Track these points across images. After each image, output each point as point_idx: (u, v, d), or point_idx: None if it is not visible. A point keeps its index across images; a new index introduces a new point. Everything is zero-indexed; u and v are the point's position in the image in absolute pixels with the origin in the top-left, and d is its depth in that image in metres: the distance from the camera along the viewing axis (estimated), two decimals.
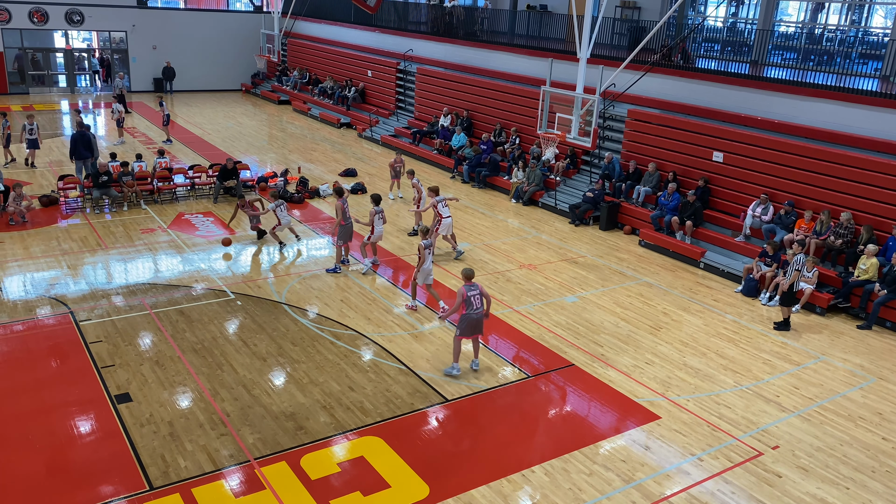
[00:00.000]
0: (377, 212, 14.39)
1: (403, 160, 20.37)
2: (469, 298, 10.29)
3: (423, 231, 12.84)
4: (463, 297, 10.25)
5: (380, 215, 14.47)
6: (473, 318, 10.40)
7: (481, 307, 10.42)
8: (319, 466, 8.52)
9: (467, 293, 10.28)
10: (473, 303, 10.32)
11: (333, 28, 34.97)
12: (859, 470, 9.06)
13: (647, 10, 26.54)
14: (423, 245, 12.29)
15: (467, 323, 10.41)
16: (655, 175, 18.28)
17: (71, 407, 9.43)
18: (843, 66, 17.90)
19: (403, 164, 20.19)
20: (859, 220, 14.51)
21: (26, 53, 33.62)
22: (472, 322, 10.42)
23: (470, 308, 10.32)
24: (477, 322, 10.47)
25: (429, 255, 12.37)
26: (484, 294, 10.46)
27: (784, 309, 13.00)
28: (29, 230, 15.88)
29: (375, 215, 14.39)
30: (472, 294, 10.31)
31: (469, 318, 10.37)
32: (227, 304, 12.86)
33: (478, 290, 10.41)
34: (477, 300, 10.36)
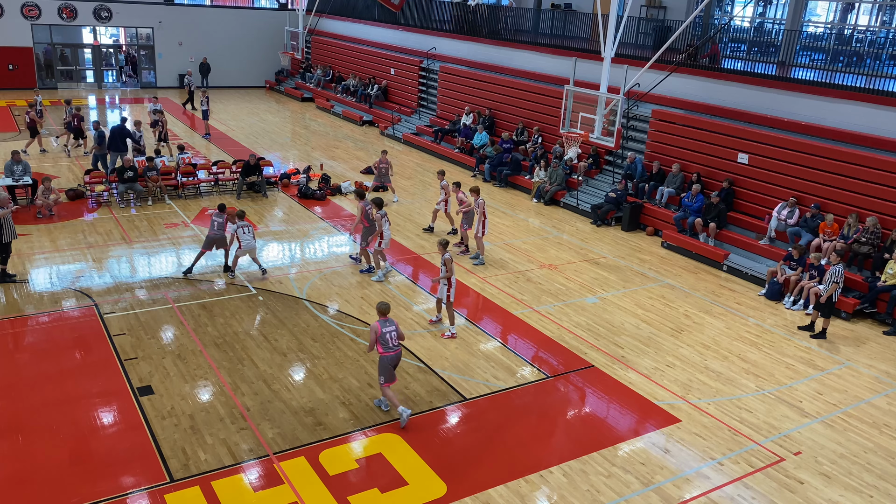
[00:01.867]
0: (382, 215, 14.06)
1: (390, 161, 19.97)
2: (383, 335, 9.16)
3: (442, 244, 11.76)
4: (377, 333, 9.15)
5: (385, 218, 14.17)
6: (393, 358, 9.29)
7: (398, 346, 9.33)
8: (338, 462, 8.56)
9: (381, 329, 9.17)
10: (389, 340, 9.19)
11: (357, 26, 35.07)
12: (883, 478, 8.92)
13: (672, 9, 26.30)
14: (449, 258, 11.60)
15: (386, 365, 9.26)
16: (679, 176, 18.12)
17: (94, 398, 9.56)
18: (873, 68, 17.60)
19: (390, 166, 19.90)
20: (886, 225, 14.27)
21: (55, 49, 34.11)
22: (391, 362, 9.29)
23: (385, 347, 9.17)
24: (396, 360, 9.37)
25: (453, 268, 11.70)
26: (399, 332, 9.35)
27: (823, 319, 12.80)
28: (56, 223, 16.12)
29: (381, 219, 14.07)
30: (387, 330, 9.20)
31: (388, 359, 9.25)
32: (249, 299, 12.95)
33: (393, 327, 9.27)
34: (392, 337, 9.23)
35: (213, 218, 13.77)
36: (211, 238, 13.74)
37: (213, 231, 13.70)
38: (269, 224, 17.08)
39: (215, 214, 13.80)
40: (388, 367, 9.31)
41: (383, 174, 19.81)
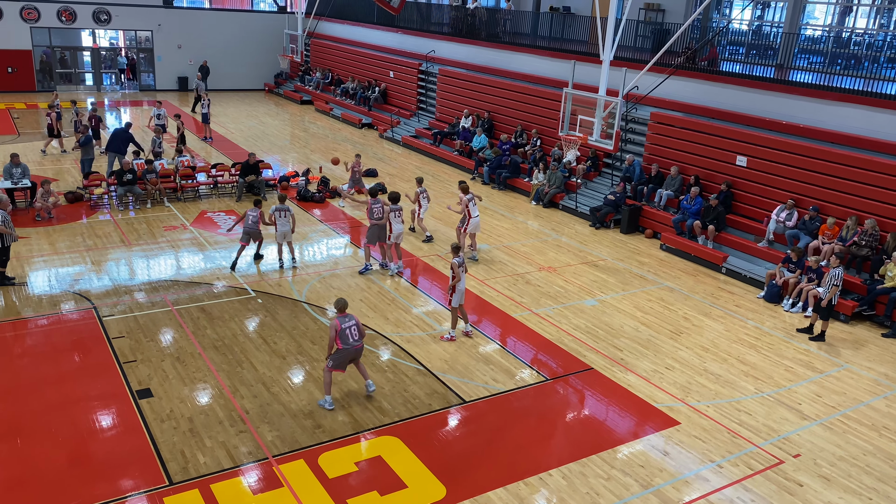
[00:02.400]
0: (393, 209, 14.48)
1: (362, 164, 19.87)
2: (343, 331, 9.41)
3: (455, 248, 11.81)
4: (336, 329, 9.36)
5: (396, 213, 14.51)
6: (350, 352, 9.55)
7: (359, 340, 9.57)
8: (337, 465, 8.55)
9: (341, 325, 9.39)
10: (349, 336, 9.45)
11: (356, 29, 35.11)
12: (883, 480, 8.92)
13: (671, 12, 26.35)
14: (456, 263, 11.49)
15: (342, 356, 9.52)
16: (678, 179, 18.14)
17: (93, 401, 9.55)
18: (871, 71, 17.63)
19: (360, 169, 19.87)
20: (885, 227, 14.29)
21: (54, 52, 34.13)
22: (348, 355, 9.57)
23: (346, 342, 9.44)
24: (354, 354, 9.63)
25: (463, 274, 11.62)
26: (359, 327, 9.60)
27: (822, 322, 12.81)
28: (55, 226, 16.11)
29: (391, 213, 14.44)
30: (346, 326, 9.43)
31: (346, 352, 9.49)
32: (248, 301, 12.95)
33: (354, 322, 9.52)
34: (353, 332, 9.48)
35: (248, 213, 14.38)
36: (247, 232, 14.30)
37: (248, 225, 14.26)
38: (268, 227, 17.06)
39: (250, 210, 14.44)
40: (344, 359, 9.60)
41: (357, 179, 19.85)
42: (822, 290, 12.79)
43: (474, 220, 15.20)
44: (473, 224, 15.23)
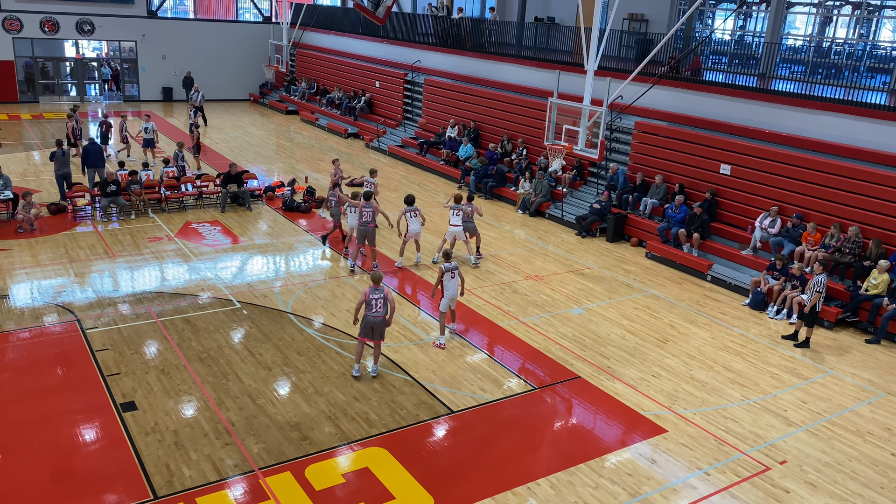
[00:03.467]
0: (408, 210, 14.97)
1: (341, 172, 19.01)
2: (369, 300, 10.40)
3: (445, 254, 12.11)
4: (365, 297, 10.43)
5: (412, 214, 15.00)
6: (370, 321, 10.46)
7: (381, 311, 10.44)
8: (324, 477, 8.49)
9: (369, 295, 10.40)
10: (373, 305, 10.40)
11: (342, 39, 35.14)
12: (868, 486, 8.98)
13: (654, 22, 26.57)
14: (443, 268, 11.76)
15: (364, 324, 10.54)
16: (662, 187, 18.25)
17: (76, 414, 9.44)
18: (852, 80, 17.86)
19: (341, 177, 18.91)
20: (867, 234, 14.44)
21: (37, 62, 33.89)
22: (368, 323, 10.49)
23: (368, 310, 10.42)
24: (374, 325, 10.47)
25: (451, 279, 11.82)
26: (388, 300, 10.53)
27: (806, 329, 12.90)
28: (37, 238, 15.95)
29: (407, 214, 15.01)
30: (374, 297, 10.40)
31: (366, 319, 10.49)
32: (233, 313, 12.87)
33: (381, 295, 10.44)
34: (377, 304, 10.40)
35: (363, 209, 14.63)
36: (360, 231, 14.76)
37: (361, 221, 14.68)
38: (254, 237, 17.01)
39: (364, 206, 14.69)
40: (365, 326, 10.51)
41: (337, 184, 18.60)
42: (806, 297, 12.89)
43: (452, 228, 15.35)
44: (450, 232, 15.37)
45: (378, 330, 10.55)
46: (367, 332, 10.56)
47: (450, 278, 11.80)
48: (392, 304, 10.65)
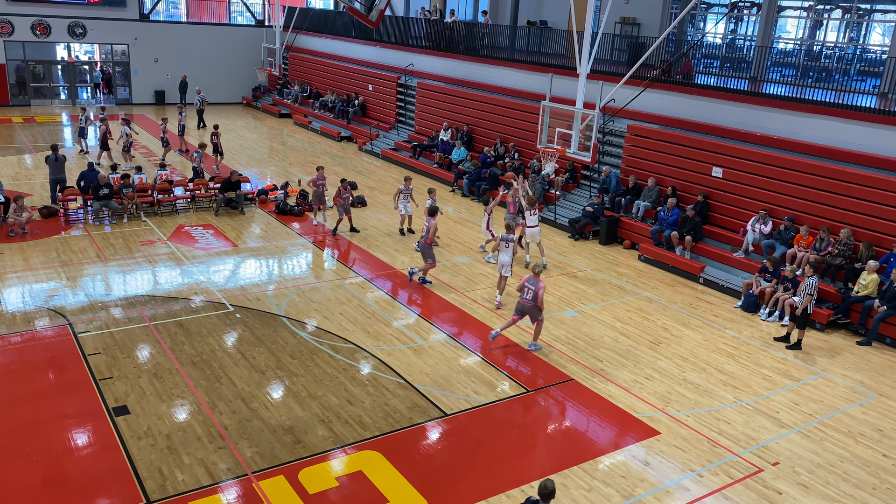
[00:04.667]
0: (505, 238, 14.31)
1: (325, 179, 18.49)
2: (522, 286, 11.93)
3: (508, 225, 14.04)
4: (521, 281, 12.04)
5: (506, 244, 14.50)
6: (520, 305, 12.00)
7: (530, 301, 11.83)
8: (317, 481, 8.48)
9: (525, 283, 11.93)
10: (524, 292, 11.89)
11: (335, 42, 35.16)
12: (860, 487, 9.02)
13: (646, 26, 26.70)
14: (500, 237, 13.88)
15: (518, 307, 12.12)
16: (655, 190, 18.32)
17: (68, 419, 9.39)
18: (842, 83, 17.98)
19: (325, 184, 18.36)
20: (858, 236, 14.53)
21: (28, 66, 33.77)
22: (518, 307, 12.09)
23: (521, 294, 11.97)
24: (523, 309, 11.97)
25: (506, 248, 13.71)
26: (538, 295, 11.76)
27: (798, 331, 12.96)
28: (29, 241, 15.88)
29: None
30: (527, 286, 11.83)
31: (518, 303, 12.06)
32: (226, 316, 12.84)
33: (534, 287, 11.76)
34: (527, 292, 11.82)
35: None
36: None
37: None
38: (247, 240, 16.98)
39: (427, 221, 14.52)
40: (519, 309, 12.10)
41: (320, 194, 18.24)
42: (797, 299, 12.96)
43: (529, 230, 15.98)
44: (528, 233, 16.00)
45: (529, 314, 11.96)
46: (519, 313, 12.07)
47: (505, 246, 13.76)
48: (540, 299, 11.76)
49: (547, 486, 6.78)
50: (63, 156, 18.57)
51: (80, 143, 25.10)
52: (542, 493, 6.79)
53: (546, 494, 6.77)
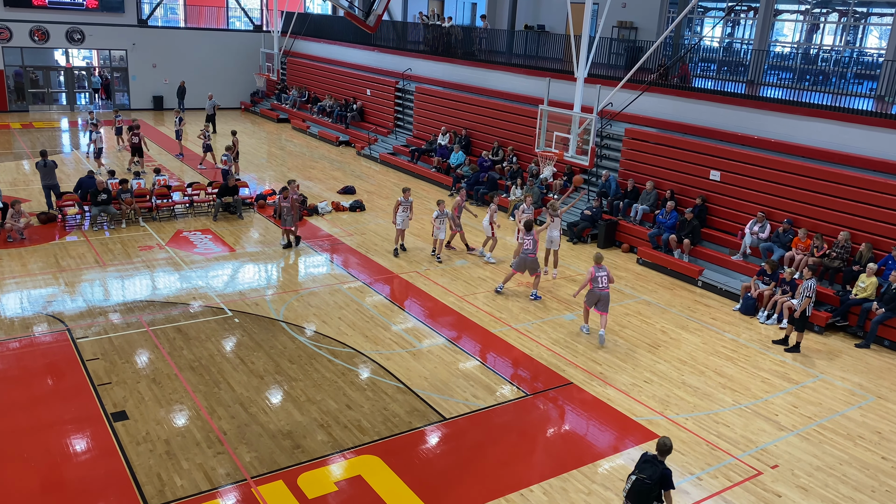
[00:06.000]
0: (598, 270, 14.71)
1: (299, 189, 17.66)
2: (596, 277, 12.48)
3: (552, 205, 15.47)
4: (591, 276, 12.51)
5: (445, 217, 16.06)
6: (597, 294, 12.56)
7: (606, 287, 12.52)
8: (317, 485, 8.47)
9: (595, 273, 12.49)
10: (599, 281, 12.48)
11: (333, 47, 35.21)
12: (859, 489, 9.02)
13: (643, 30, 26.76)
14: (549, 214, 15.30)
15: (591, 297, 12.66)
16: (653, 193, 18.34)
17: (67, 424, 9.38)
18: (839, 86, 18.02)
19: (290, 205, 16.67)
20: (856, 239, 14.55)
21: (26, 71, 33.78)
22: (594, 297, 12.61)
23: (596, 285, 12.51)
24: (600, 297, 12.54)
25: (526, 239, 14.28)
26: (609, 277, 12.61)
27: (796, 333, 12.97)
28: (27, 247, 15.88)
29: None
30: (599, 275, 12.49)
31: (593, 294, 12.60)
32: (225, 321, 12.83)
33: (605, 273, 12.53)
34: (603, 280, 12.49)
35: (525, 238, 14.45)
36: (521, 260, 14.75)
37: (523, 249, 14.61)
38: (245, 245, 16.98)
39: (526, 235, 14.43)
40: (592, 299, 12.67)
41: (290, 212, 16.73)
42: (796, 302, 12.97)
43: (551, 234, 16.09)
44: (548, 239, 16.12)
45: (604, 302, 12.54)
46: (593, 302, 12.66)
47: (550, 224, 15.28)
48: (612, 279, 12.67)
49: (665, 443, 7.16)
50: (53, 161, 18.52)
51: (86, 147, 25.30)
52: (660, 449, 7.16)
53: (664, 451, 7.15)
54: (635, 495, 7.01)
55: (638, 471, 7.09)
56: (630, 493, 7.07)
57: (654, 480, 6.94)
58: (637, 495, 6.99)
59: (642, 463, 7.13)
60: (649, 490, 6.94)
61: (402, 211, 16.56)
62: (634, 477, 7.06)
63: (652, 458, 7.11)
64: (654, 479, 6.94)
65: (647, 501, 6.97)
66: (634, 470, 7.16)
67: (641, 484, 6.96)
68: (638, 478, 7.02)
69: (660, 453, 7.11)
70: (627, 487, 7.12)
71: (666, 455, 7.13)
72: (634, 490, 7.02)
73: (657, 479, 6.94)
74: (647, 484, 6.94)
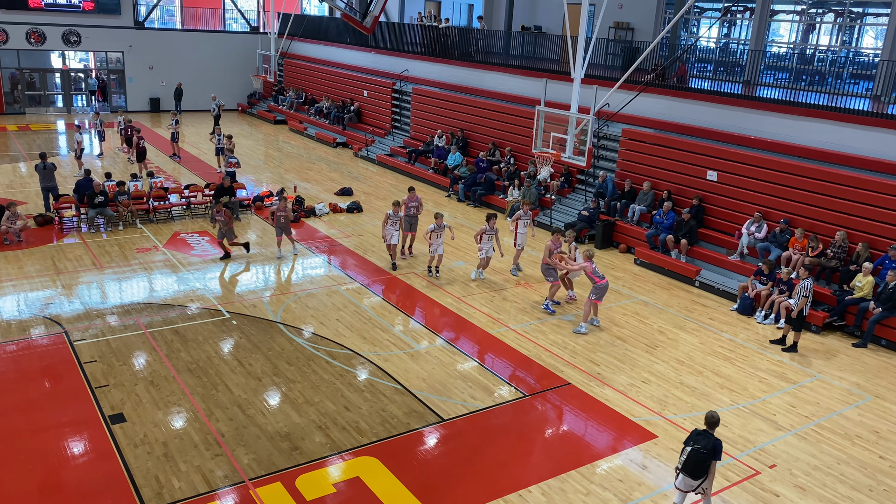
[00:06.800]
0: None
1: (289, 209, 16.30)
2: (595, 269, 12.93)
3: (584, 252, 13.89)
4: (588, 270, 12.83)
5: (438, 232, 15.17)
6: (602, 287, 13.00)
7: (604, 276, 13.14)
8: (315, 487, 8.46)
9: (592, 266, 12.87)
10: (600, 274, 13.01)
11: (329, 49, 35.21)
12: (856, 489, 9.03)
13: (640, 30, 26.79)
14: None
15: (599, 291, 12.99)
16: (650, 194, 18.36)
17: (64, 427, 9.36)
18: (835, 86, 18.06)
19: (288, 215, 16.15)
20: (853, 239, 14.58)
21: (23, 74, 33.72)
22: (602, 289, 13.01)
23: (599, 277, 12.94)
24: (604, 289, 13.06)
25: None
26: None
27: (794, 333, 12.99)
28: (24, 249, 15.85)
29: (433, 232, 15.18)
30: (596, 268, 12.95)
31: (600, 287, 12.95)
32: (223, 323, 12.82)
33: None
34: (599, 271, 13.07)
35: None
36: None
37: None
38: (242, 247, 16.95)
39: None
40: (602, 291, 12.98)
41: (283, 224, 16.09)
42: (793, 302, 12.99)
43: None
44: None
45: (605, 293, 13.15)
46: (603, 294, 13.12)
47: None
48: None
49: (713, 416, 7.76)
50: (52, 164, 18.52)
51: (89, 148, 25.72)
52: (709, 422, 7.74)
53: (713, 423, 7.73)
54: (692, 465, 7.61)
55: (692, 442, 7.67)
56: (686, 464, 7.64)
57: (707, 450, 7.57)
58: (693, 465, 7.60)
59: (695, 435, 7.71)
60: (703, 459, 7.56)
61: (391, 225, 15.58)
62: (689, 448, 7.64)
63: (703, 431, 7.70)
64: (708, 448, 7.57)
65: (702, 470, 7.60)
66: (688, 442, 7.71)
67: (697, 454, 7.58)
68: (693, 448, 7.60)
69: (709, 426, 7.71)
70: (683, 459, 7.68)
71: (714, 427, 7.70)
72: (690, 460, 7.61)
73: (710, 448, 7.58)
74: (703, 453, 7.56)
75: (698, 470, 7.60)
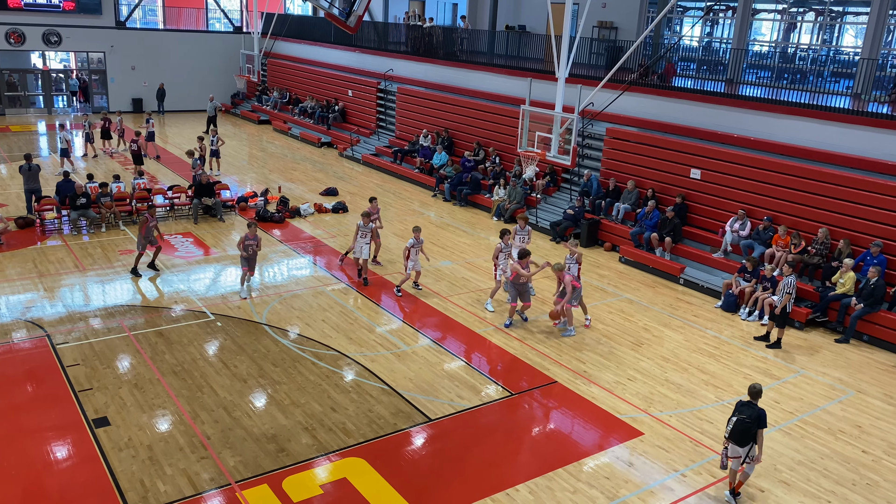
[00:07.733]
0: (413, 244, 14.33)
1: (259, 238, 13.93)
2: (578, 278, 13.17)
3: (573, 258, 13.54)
4: (572, 280, 12.84)
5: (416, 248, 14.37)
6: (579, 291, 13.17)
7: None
8: (302, 489, 8.43)
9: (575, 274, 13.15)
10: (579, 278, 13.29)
11: (313, 48, 35.08)
12: (840, 483, 9.12)
13: (623, 30, 26.90)
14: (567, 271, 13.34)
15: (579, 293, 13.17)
16: (634, 192, 18.44)
17: (47, 432, 9.26)
18: (816, 85, 18.22)
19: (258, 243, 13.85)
20: (835, 236, 14.72)
21: (2, 75, 33.33)
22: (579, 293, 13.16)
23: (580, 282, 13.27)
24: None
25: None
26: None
27: (777, 329, 13.10)
28: (4, 252, 15.66)
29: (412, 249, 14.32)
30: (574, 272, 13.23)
31: (578, 291, 13.09)
32: (207, 325, 12.74)
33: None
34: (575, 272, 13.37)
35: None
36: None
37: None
38: (227, 248, 16.86)
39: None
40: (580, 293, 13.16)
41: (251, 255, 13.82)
42: (776, 299, 13.10)
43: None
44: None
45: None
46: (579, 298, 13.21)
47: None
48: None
49: (756, 387, 8.40)
50: (37, 165, 18.29)
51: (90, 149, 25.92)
52: (752, 393, 8.38)
53: (756, 394, 8.37)
54: (738, 434, 8.26)
55: (738, 413, 8.31)
56: (733, 433, 8.30)
57: (752, 419, 8.19)
58: (740, 434, 8.25)
59: (741, 406, 8.35)
60: (749, 427, 8.20)
61: (361, 237, 14.66)
62: (735, 418, 8.30)
63: (748, 402, 8.32)
64: (753, 417, 8.19)
65: (749, 437, 8.23)
66: (735, 413, 8.35)
67: (742, 423, 8.22)
68: (738, 418, 8.26)
69: (752, 396, 8.34)
70: (730, 428, 8.34)
71: (758, 398, 8.34)
72: (737, 429, 8.26)
73: (755, 417, 8.20)
74: (748, 423, 8.20)
75: (745, 438, 8.21)
